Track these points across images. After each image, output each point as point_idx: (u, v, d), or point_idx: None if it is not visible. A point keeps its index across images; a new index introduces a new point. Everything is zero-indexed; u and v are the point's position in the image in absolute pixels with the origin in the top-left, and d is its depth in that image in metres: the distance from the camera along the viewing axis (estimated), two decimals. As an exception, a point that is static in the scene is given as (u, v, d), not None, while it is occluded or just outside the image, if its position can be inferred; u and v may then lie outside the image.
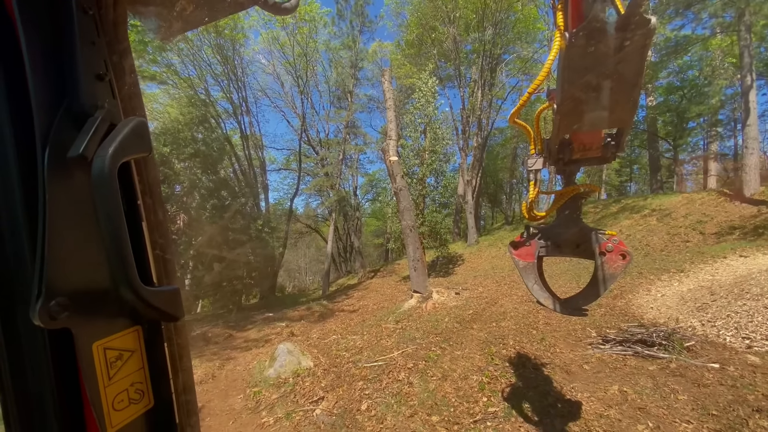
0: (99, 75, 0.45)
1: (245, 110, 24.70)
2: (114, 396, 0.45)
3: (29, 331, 0.45)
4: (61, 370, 0.46)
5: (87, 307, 0.43)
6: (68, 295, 0.40)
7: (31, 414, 0.46)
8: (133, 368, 0.49)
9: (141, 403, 0.49)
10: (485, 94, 24.10)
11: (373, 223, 40.66)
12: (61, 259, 0.40)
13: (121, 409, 0.46)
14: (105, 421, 0.44)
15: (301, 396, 5.70)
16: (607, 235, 2.31)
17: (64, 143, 0.42)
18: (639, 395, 4.63)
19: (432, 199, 18.48)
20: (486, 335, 7.37)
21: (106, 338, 0.45)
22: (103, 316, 0.45)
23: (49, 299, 0.38)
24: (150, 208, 0.48)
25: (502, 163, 33.62)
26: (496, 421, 4.49)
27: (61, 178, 0.41)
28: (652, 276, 9.73)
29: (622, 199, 21.33)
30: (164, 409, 0.52)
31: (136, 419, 0.48)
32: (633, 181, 40.32)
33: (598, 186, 4.11)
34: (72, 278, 0.42)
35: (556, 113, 1.84)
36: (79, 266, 0.43)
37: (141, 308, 0.47)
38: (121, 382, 0.47)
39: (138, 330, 0.50)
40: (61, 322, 0.39)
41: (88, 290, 0.43)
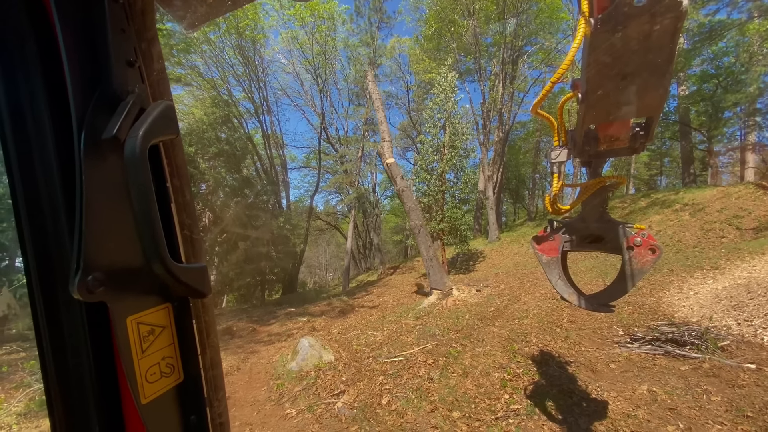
0: (129, 61, 0.48)
1: (266, 110, 25.18)
2: (147, 369, 0.48)
3: (68, 305, 0.48)
4: (97, 343, 0.49)
5: (121, 283, 0.45)
6: (104, 270, 0.43)
7: (70, 385, 0.49)
8: (164, 343, 0.51)
9: (171, 377, 0.52)
10: (506, 88, 23.58)
11: (393, 219, 40.69)
12: (97, 237, 0.43)
13: (154, 382, 0.49)
14: (139, 392, 0.46)
15: (322, 389, 5.79)
16: (635, 229, 2.22)
17: (98, 126, 0.44)
18: (669, 396, 4.45)
19: (452, 195, 18.26)
20: (508, 332, 7.26)
21: (138, 313, 0.48)
22: (135, 293, 0.48)
23: (87, 274, 0.41)
24: (178, 189, 0.51)
25: (525, 157, 32.84)
26: (519, 418, 4.42)
27: (96, 159, 0.43)
28: (684, 273, 9.29)
29: (652, 193, 20.42)
30: (193, 383, 0.55)
31: (167, 392, 0.51)
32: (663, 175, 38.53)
33: (625, 178, 3.95)
34: (107, 255, 0.44)
35: (581, 103, 1.78)
36: (114, 243, 0.45)
37: (171, 284, 0.49)
38: (153, 356, 0.49)
39: (168, 307, 0.52)
40: (97, 296, 0.42)
41: (122, 267, 0.46)
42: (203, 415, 0.56)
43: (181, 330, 0.54)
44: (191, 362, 0.55)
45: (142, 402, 0.47)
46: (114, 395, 0.50)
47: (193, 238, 0.54)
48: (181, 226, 0.49)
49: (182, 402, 0.53)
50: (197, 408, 0.55)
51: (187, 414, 0.54)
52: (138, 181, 0.45)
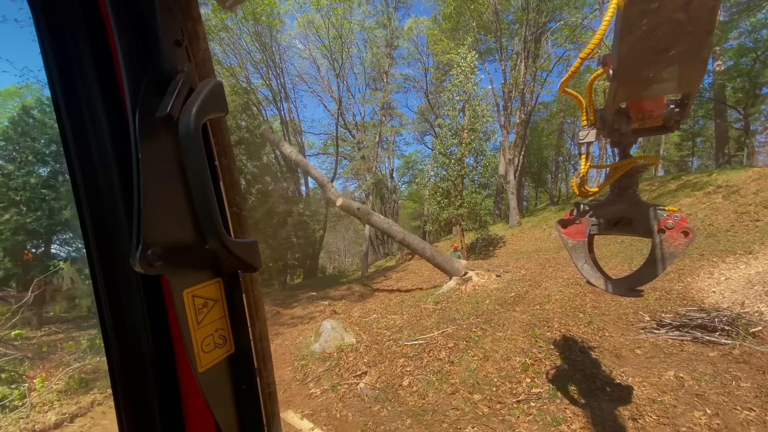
0: (177, 41, 0.49)
1: (284, 96, 25.25)
2: (202, 339, 0.51)
3: (126, 280, 0.51)
4: (153, 316, 0.52)
5: (177, 257, 0.47)
6: (161, 245, 0.45)
7: (130, 355, 0.52)
8: (217, 316, 0.54)
9: (224, 348, 0.55)
10: (529, 67, 22.68)
11: (410, 205, 40.56)
12: (154, 213, 0.45)
13: (209, 352, 0.52)
14: (196, 361, 0.49)
15: (345, 370, 5.96)
16: (667, 211, 2.14)
17: (150, 105, 0.46)
18: (697, 381, 4.36)
19: (471, 179, 17.97)
20: (529, 317, 7.20)
21: (193, 287, 0.50)
22: (189, 267, 0.50)
23: (146, 248, 0.43)
24: (225, 168, 0.52)
25: (547, 139, 31.77)
26: (541, 401, 4.43)
27: (151, 137, 0.45)
28: (716, 258, 8.90)
29: (683, 175, 19.46)
30: (244, 354, 0.58)
31: (221, 362, 0.54)
32: (695, 156, 36.63)
33: (657, 158, 3.75)
34: (164, 230, 0.46)
35: (612, 80, 1.69)
36: (169, 219, 0.48)
37: (225, 258, 0.52)
38: (208, 327, 0.52)
39: (219, 282, 0.54)
40: (156, 270, 0.44)
41: (177, 242, 0.48)
42: (254, 385, 0.59)
43: (232, 303, 0.56)
44: (242, 334, 0.58)
45: (199, 370, 0.50)
46: (170, 364, 0.53)
47: (241, 214, 0.56)
48: (230, 203, 0.51)
49: (234, 372, 0.56)
50: (248, 378, 0.59)
51: (238, 383, 0.57)
52: (193, 158, 0.47)
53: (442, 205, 17.78)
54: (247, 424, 0.57)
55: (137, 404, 0.52)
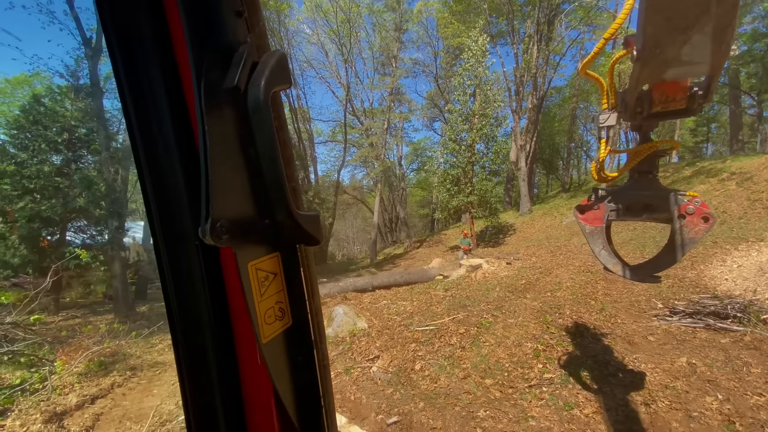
0: (238, 12, 0.48)
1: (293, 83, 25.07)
2: (264, 311, 0.52)
3: (189, 252, 0.52)
4: (212, 288, 0.53)
5: (242, 231, 0.48)
6: (228, 218, 0.45)
7: (191, 326, 0.54)
8: (276, 289, 0.55)
9: (283, 320, 0.56)
10: (541, 50, 22.09)
11: (419, 193, 40.38)
12: (221, 186, 0.45)
13: (270, 323, 0.53)
14: (260, 332, 0.50)
15: (358, 354, 6.06)
16: (687, 197, 2.10)
17: (215, 77, 0.45)
18: (709, 368, 4.37)
19: (481, 166, 17.77)
20: (540, 304, 7.21)
21: (257, 260, 0.51)
22: (253, 241, 0.51)
23: (216, 222, 0.43)
24: (283, 142, 0.52)
25: (560, 125, 31.11)
26: (553, 386, 4.47)
27: (217, 109, 0.45)
28: (728, 245, 8.77)
29: (697, 161, 19.02)
30: (301, 327, 0.59)
31: (280, 334, 0.55)
32: (710, 142, 35.70)
33: (678, 142, 3.62)
34: (230, 204, 0.47)
35: (636, 61, 1.64)
36: (235, 193, 0.48)
37: (290, 231, 0.52)
38: (269, 300, 0.53)
39: (278, 256, 0.55)
40: (224, 242, 0.45)
41: (242, 216, 0.48)
42: (310, 357, 0.61)
43: (290, 278, 0.57)
44: (299, 308, 0.59)
45: (263, 341, 0.51)
46: (228, 336, 0.55)
47: (296, 188, 0.56)
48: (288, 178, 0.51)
49: (292, 344, 0.57)
50: (305, 350, 0.60)
51: (295, 355, 0.58)
52: (264, 130, 0.47)
53: (451, 192, 17.67)
54: (304, 395, 0.59)
55: (199, 374, 0.54)
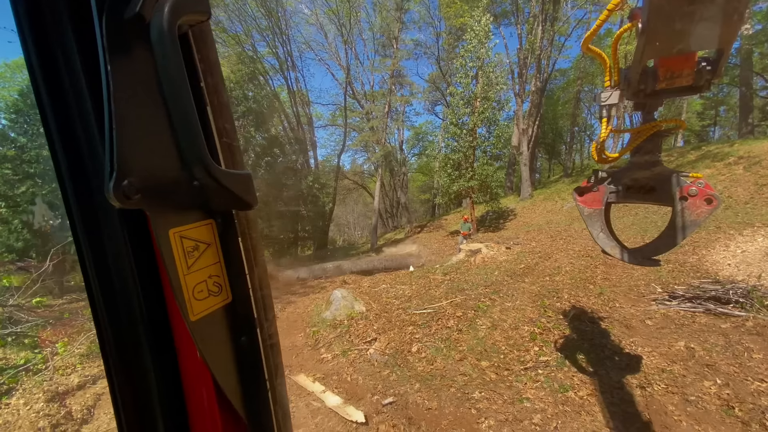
0: None
1: (291, 65, 24.59)
2: (194, 285, 0.46)
3: (105, 213, 0.45)
4: (140, 258, 0.46)
5: (160, 191, 0.41)
6: (140, 176, 0.39)
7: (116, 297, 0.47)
8: (210, 261, 0.48)
9: (220, 296, 0.50)
10: (546, 31, 21.45)
11: (420, 178, 40.14)
12: (130, 138, 0.38)
13: (202, 299, 0.47)
14: (187, 308, 0.44)
15: (355, 336, 6.10)
16: (690, 178, 2.03)
17: (119, 6, 0.38)
18: (708, 352, 4.34)
19: (483, 150, 17.54)
20: (539, 288, 7.20)
21: (181, 227, 0.45)
22: (176, 204, 0.44)
23: (122, 178, 0.37)
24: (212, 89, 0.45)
25: (563, 108, 30.57)
26: (548, 369, 4.49)
27: (121, 45, 0.38)
28: (733, 230, 8.67)
29: (703, 145, 18.69)
30: (242, 303, 0.53)
31: (216, 311, 0.49)
32: (717, 125, 35.02)
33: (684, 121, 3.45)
34: (143, 158, 0.40)
35: (641, 34, 1.55)
36: (149, 146, 0.41)
37: (215, 192, 0.45)
38: (200, 273, 0.47)
39: (212, 223, 0.49)
40: (135, 203, 0.38)
41: (159, 174, 0.42)
42: (254, 336, 0.55)
43: (227, 248, 0.51)
44: (239, 282, 0.52)
45: (192, 319, 0.45)
46: (161, 311, 0.49)
47: (233, 145, 0.49)
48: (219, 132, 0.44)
49: (232, 323, 0.51)
50: (248, 329, 0.54)
51: (237, 335, 0.52)
52: (169, 68, 0.40)
53: (452, 177, 17.52)
54: (247, 377, 0.53)
55: (128, 355, 0.48)
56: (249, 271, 0.54)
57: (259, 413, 0.55)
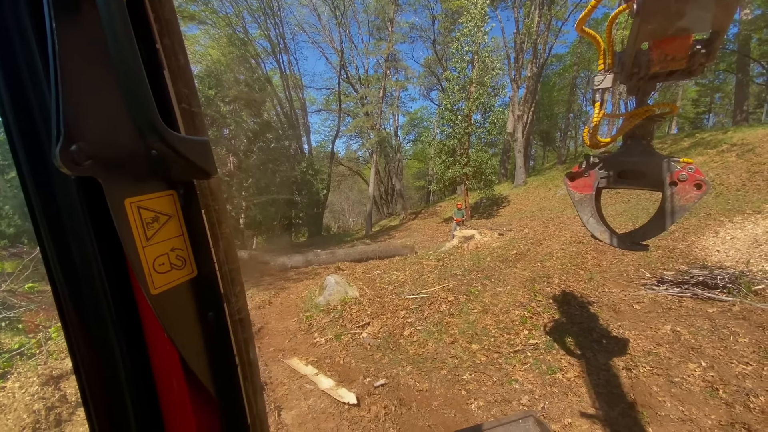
0: None
1: (283, 48, 24.04)
2: (154, 258, 0.44)
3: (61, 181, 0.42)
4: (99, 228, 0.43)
5: (113, 159, 0.39)
6: (91, 141, 0.36)
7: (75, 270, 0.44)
8: (172, 234, 0.47)
9: (183, 270, 0.48)
10: (543, 15, 21.11)
11: (415, 164, 39.98)
12: (78, 100, 0.36)
13: (163, 273, 0.45)
14: (147, 281, 0.43)
15: (348, 321, 6.15)
16: (681, 163, 2.03)
17: None
18: (693, 336, 4.44)
19: (478, 137, 17.46)
20: (530, 274, 7.29)
21: (138, 197, 0.42)
22: (132, 173, 0.42)
23: (70, 142, 0.35)
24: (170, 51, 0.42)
25: (559, 95, 30.39)
26: (537, 352, 4.58)
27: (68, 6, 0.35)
28: (723, 217, 8.79)
29: (697, 132, 18.74)
30: (208, 278, 0.52)
31: (180, 285, 0.47)
32: (712, 113, 35.09)
33: (676, 106, 3.46)
34: (93, 123, 0.38)
35: (636, 16, 1.52)
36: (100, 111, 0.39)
37: (170, 159, 0.43)
38: (160, 246, 0.45)
39: (173, 194, 0.47)
40: (85, 170, 0.36)
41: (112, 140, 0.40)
42: (221, 312, 0.53)
43: (190, 220, 0.49)
44: (204, 255, 0.51)
45: (152, 292, 0.43)
46: (126, 286, 0.47)
47: (193, 111, 0.46)
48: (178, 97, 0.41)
49: (198, 298, 0.50)
50: (214, 304, 0.53)
51: (203, 311, 0.51)
52: (114, 26, 0.37)
53: (447, 164, 17.47)
54: (215, 353, 0.52)
55: (91, 331, 0.46)
56: (214, 245, 0.52)
57: (228, 389, 0.55)
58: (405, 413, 3.72)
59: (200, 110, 0.48)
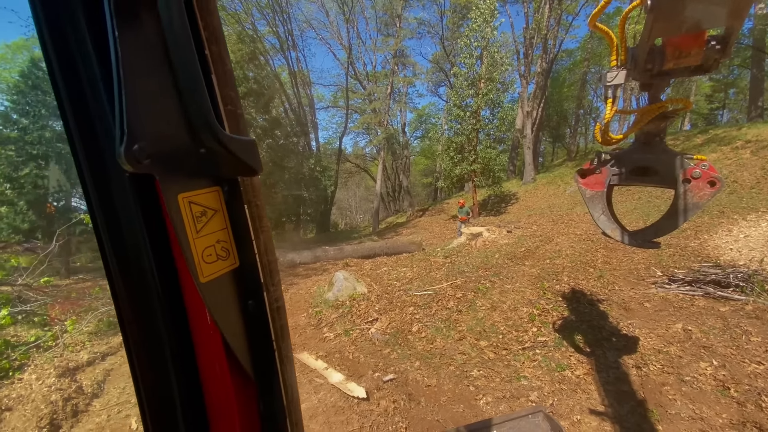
0: None
1: (291, 45, 24.08)
2: (203, 249, 0.48)
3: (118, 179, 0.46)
4: (150, 221, 0.47)
5: (168, 157, 0.43)
6: (150, 141, 0.40)
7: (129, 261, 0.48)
8: (217, 227, 0.50)
9: (227, 261, 0.52)
10: (554, 9, 20.80)
11: (422, 161, 39.84)
12: (139, 103, 0.39)
13: (211, 263, 0.49)
14: (197, 270, 0.46)
15: (357, 316, 6.21)
16: (694, 160, 2.01)
17: None
18: (705, 335, 4.40)
19: (486, 133, 17.33)
20: (538, 271, 7.26)
21: (189, 192, 0.46)
22: (184, 171, 0.46)
23: (133, 142, 0.38)
24: (217, 57, 0.46)
25: (569, 90, 29.95)
26: (546, 349, 4.58)
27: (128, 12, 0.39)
28: (736, 215, 8.64)
29: (710, 129, 18.35)
30: (249, 268, 0.56)
31: (224, 275, 0.51)
32: (726, 108, 34.26)
33: (690, 102, 3.37)
34: (152, 124, 0.41)
35: (649, 12, 1.51)
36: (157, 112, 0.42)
37: (223, 159, 0.47)
38: (208, 238, 0.49)
39: (218, 191, 0.50)
40: (145, 168, 0.40)
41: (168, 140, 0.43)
42: (261, 300, 0.58)
43: (233, 215, 0.53)
44: (246, 247, 0.55)
45: (201, 281, 0.47)
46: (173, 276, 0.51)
47: (237, 113, 0.50)
48: (224, 100, 0.45)
49: (239, 287, 0.54)
50: (255, 293, 0.57)
51: (245, 299, 0.55)
52: (176, 35, 0.40)
53: (455, 160, 17.39)
54: (255, 338, 0.56)
55: (142, 319, 0.50)
56: (255, 238, 0.56)
57: (266, 372, 0.59)
58: (414, 408, 3.76)
59: (242, 112, 0.52)
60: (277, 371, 0.60)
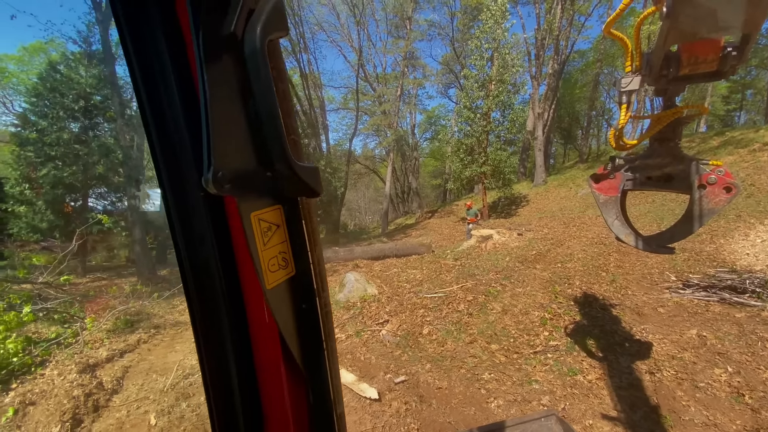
0: None
1: (303, 47, 24.33)
2: (268, 260, 0.55)
3: (194, 202, 0.54)
4: (220, 239, 0.55)
5: (244, 182, 0.50)
6: (229, 168, 0.47)
7: (201, 274, 0.57)
8: (279, 240, 0.57)
9: (286, 269, 0.59)
10: (566, 10, 20.63)
11: (432, 163, 39.82)
12: (222, 136, 0.46)
13: (274, 271, 0.56)
14: (264, 279, 0.53)
15: (368, 318, 6.28)
16: (710, 166, 2.01)
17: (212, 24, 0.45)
18: (720, 341, 4.35)
19: (497, 135, 17.27)
20: (550, 275, 7.23)
21: (259, 210, 0.53)
22: (255, 193, 0.53)
23: (217, 170, 0.45)
24: (282, 93, 0.52)
25: (581, 92, 29.58)
26: (558, 353, 4.58)
27: (216, 57, 0.45)
28: (753, 219, 8.46)
29: (727, 131, 17.97)
30: (304, 276, 0.63)
31: (283, 283, 0.58)
32: (743, 110, 33.48)
33: (706, 107, 3.37)
34: (231, 154, 0.48)
35: (665, 18, 1.52)
36: (236, 143, 0.49)
37: (290, 183, 0.54)
38: (272, 250, 0.56)
39: (280, 208, 0.57)
40: (226, 191, 0.46)
41: (243, 167, 0.50)
42: (313, 304, 0.65)
43: (292, 230, 0.60)
44: (302, 258, 0.62)
45: (267, 288, 0.54)
46: (236, 283, 0.58)
47: (297, 141, 0.57)
48: (288, 130, 0.51)
49: (295, 292, 0.61)
50: (308, 298, 0.64)
51: (299, 303, 0.62)
52: (260, 79, 0.47)
53: (464, 162, 17.37)
54: (307, 337, 0.63)
55: (209, 320, 0.58)
56: (310, 250, 0.63)
57: (315, 368, 0.66)
58: (425, 409, 3.80)
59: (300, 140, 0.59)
60: (326, 367, 0.67)
